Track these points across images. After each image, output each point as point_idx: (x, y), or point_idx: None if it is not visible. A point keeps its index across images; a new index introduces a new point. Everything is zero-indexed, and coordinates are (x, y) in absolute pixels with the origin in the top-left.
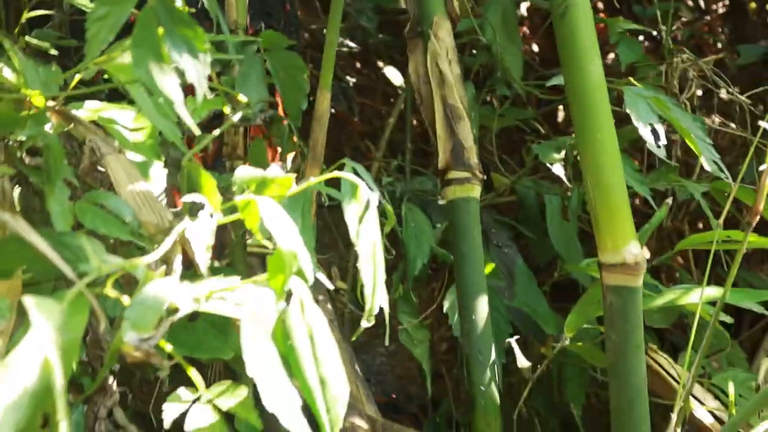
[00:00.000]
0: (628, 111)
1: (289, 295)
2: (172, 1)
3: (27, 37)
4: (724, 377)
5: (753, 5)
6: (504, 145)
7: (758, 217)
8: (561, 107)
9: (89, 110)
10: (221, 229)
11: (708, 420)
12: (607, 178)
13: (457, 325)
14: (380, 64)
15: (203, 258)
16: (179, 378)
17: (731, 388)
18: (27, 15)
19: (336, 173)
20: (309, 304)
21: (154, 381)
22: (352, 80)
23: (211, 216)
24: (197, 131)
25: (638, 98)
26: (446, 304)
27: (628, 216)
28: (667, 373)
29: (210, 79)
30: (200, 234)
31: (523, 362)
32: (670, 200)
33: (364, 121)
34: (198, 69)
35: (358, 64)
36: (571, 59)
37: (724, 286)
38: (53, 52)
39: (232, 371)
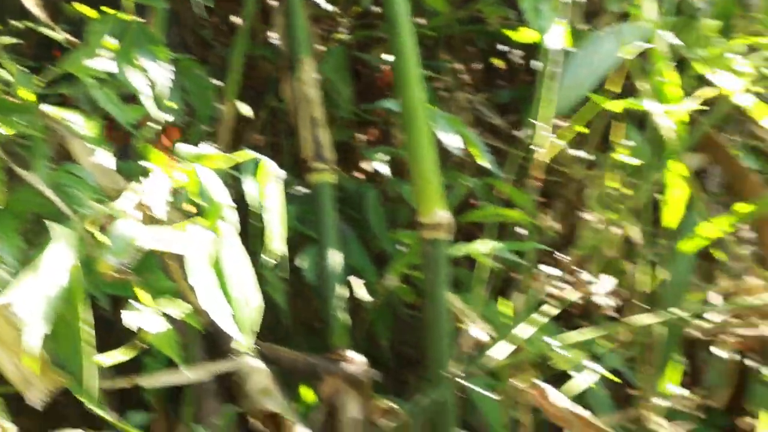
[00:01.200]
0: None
1: None
2: (148, 25)
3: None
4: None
5: (500, 62)
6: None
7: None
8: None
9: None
10: None
11: (482, 336)
12: (427, 167)
13: (310, 275)
14: None
15: (161, 206)
16: None
17: (511, 309)
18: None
19: (248, 154)
20: (234, 241)
21: None
22: None
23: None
24: (161, 117)
25: (441, 118)
26: (304, 263)
27: (440, 191)
28: None
29: None
30: (158, 188)
31: (364, 296)
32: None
33: None
34: (161, 72)
35: None
36: (404, 87)
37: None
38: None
39: None
